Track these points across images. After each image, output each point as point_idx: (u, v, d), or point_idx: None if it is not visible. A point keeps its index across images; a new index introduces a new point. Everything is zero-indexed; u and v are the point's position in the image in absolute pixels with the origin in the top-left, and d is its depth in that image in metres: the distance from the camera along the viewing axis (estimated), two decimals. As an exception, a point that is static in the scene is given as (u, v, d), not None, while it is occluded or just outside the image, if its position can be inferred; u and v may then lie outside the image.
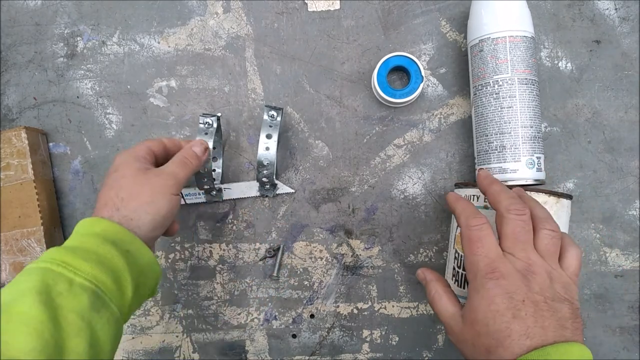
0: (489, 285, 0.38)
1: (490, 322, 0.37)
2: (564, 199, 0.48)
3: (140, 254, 0.43)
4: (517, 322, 0.37)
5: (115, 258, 0.41)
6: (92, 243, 0.41)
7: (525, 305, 0.37)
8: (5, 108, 0.61)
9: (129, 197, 0.44)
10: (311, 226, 0.60)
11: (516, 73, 0.51)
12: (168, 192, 0.46)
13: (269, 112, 0.54)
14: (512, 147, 0.51)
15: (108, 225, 0.42)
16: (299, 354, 0.60)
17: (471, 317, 0.39)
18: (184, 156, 0.49)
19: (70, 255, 0.39)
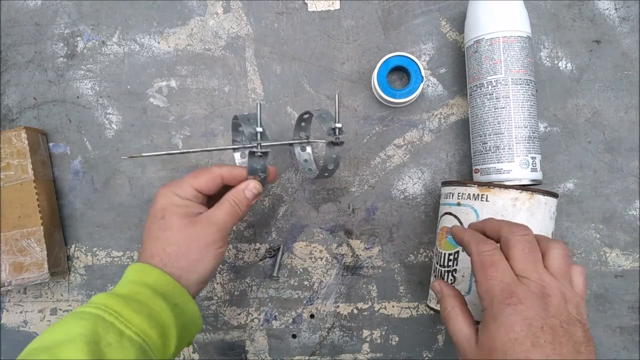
0: (507, 311, 0.37)
1: (509, 351, 0.36)
2: (540, 195, 0.47)
3: (187, 307, 0.43)
4: (536, 351, 0.36)
5: (164, 313, 0.41)
6: (143, 294, 0.41)
7: (544, 333, 0.36)
8: (5, 108, 0.61)
9: (177, 254, 0.43)
10: (311, 226, 0.60)
11: (510, 73, 0.51)
12: (215, 248, 0.45)
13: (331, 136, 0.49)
14: (506, 147, 0.51)
15: (159, 275, 0.42)
16: (299, 354, 0.60)
17: (488, 345, 0.38)
18: (234, 201, 0.47)
19: (122, 305, 0.39)
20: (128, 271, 0.43)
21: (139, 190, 0.61)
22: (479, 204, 0.47)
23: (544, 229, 0.48)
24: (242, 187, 0.48)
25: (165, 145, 0.61)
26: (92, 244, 0.61)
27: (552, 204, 0.48)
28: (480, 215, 0.47)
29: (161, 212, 0.45)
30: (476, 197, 0.48)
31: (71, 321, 0.38)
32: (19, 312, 0.61)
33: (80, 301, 0.60)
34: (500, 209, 0.46)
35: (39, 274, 0.55)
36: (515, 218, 0.46)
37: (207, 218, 0.45)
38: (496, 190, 0.47)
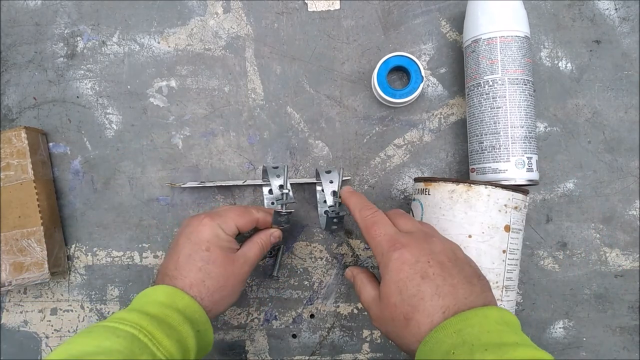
0: (395, 256, 0.40)
1: (403, 289, 0.39)
2: (481, 186, 0.46)
3: (206, 335, 0.45)
4: (426, 283, 0.38)
5: (189, 339, 0.42)
6: (174, 319, 0.42)
7: (432, 266, 0.39)
8: (5, 108, 0.61)
9: (214, 289, 0.46)
10: (311, 226, 0.60)
11: (507, 73, 0.51)
12: (244, 283, 0.49)
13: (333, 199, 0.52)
14: (502, 147, 0.51)
15: (190, 302, 0.44)
16: (299, 354, 0.60)
17: (385, 292, 0.40)
18: (262, 244, 0.51)
19: (155, 328, 0.40)
20: (157, 292, 0.44)
21: (139, 190, 0.61)
22: (424, 198, 0.49)
23: (488, 221, 0.46)
24: (269, 233, 0.52)
25: (166, 145, 0.61)
26: (92, 244, 0.61)
27: (501, 196, 0.46)
28: (424, 208, 0.49)
29: (206, 244, 0.46)
30: (422, 192, 0.49)
31: (105, 334, 0.38)
32: (19, 312, 0.61)
33: (80, 301, 0.60)
34: (439, 201, 0.47)
35: (39, 274, 0.55)
36: (452, 210, 0.47)
37: (244, 257, 0.49)
38: (435, 183, 0.48)
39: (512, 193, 0.47)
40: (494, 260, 0.46)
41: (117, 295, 0.60)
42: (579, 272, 0.58)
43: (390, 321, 0.40)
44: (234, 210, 0.49)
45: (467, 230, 0.46)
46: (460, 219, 0.46)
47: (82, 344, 0.37)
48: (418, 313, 0.38)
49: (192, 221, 0.48)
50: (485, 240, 0.46)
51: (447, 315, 0.37)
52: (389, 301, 0.40)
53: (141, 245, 0.60)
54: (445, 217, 0.47)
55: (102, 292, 0.60)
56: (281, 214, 0.51)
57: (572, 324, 0.58)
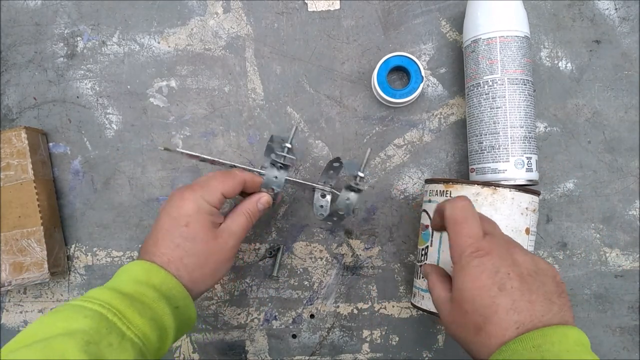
0: (474, 262, 0.38)
1: (477, 299, 0.37)
2: (506, 190, 0.46)
3: (187, 311, 0.43)
4: (503, 296, 0.36)
5: (166, 316, 0.41)
6: (148, 296, 0.40)
7: (511, 279, 0.37)
8: (5, 108, 0.61)
9: (194, 266, 0.44)
10: (311, 226, 0.60)
11: (506, 73, 0.51)
12: (230, 261, 0.46)
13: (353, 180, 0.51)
14: (502, 147, 0.51)
15: (166, 277, 0.42)
16: (299, 354, 0.60)
17: (458, 297, 0.39)
18: (249, 213, 0.48)
19: (126, 306, 0.38)
20: (134, 268, 0.42)
21: (139, 190, 0.61)
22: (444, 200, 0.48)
23: (512, 224, 0.47)
24: (255, 200, 0.49)
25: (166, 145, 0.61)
26: (92, 244, 0.61)
27: (523, 199, 0.47)
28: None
29: (186, 219, 0.44)
30: (441, 194, 0.49)
31: (72, 315, 0.37)
32: (19, 312, 0.61)
33: (80, 301, 0.60)
34: None
35: (39, 274, 0.55)
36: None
37: (227, 232, 0.46)
38: (458, 186, 0.48)
39: (532, 196, 0.48)
40: None
41: (117, 295, 0.60)
42: (579, 272, 0.58)
43: (460, 326, 0.39)
44: (217, 177, 0.47)
45: None
46: None
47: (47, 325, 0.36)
48: (490, 325, 0.36)
49: (174, 195, 0.46)
50: None
51: (520, 331, 0.35)
52: (461, 307, 0.38)
53: (141, 245, 0.60)
54: None
55: (102, 292, 0.60)
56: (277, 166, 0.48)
57: (572, 324, 0.58)
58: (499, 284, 0.37)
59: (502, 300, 0.36)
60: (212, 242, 0.44)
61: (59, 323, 0.36)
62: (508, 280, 0.37)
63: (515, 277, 0.37)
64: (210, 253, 0.44)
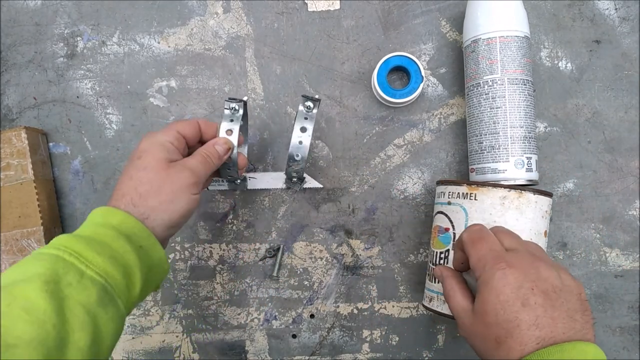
0: (498, 275, 0.38)
1: (500, 312, 0.37)
2: (530, 193, 0.47)
3: (152, 251, 0.42)
4: (526, 312, 0.36)
5: (128, 254, 0.40)
6: (106, 235, 0.40)
7: (535, 294, 0.37)
8: (5, 108, 0.61)
9: (147, 194, 0.43)
10: (311, 226, 0.60)
11: (506, 73, 0.51)
12: (188, 191, 0.44)
13: (305, 102, 0.50)
14: (502, 147, 0.51)
15: (124, 217, 0.41)
16: (299, 354, 0.60)
17: (481, 309, 0.39)
18: (206, 153, 0.47)
19: (83, 246, 0.38)
20: (93, 214, 0.42)
21: (139, 190, 0.60)
22: (468, 203, 0.48)
23: (535, 228, 0.47)
24: (212, 142, 0.49)
25: (165, 145, 0.61)
26: (92, 244, 0.60)
27: (544, 202, 0.48)
28: (469, 214, 0.47)
29: (139, 153, 0.45)
30: (465, 196, 0.48)
31: (30, 262, 0.37)
32: (19, 312, 0.61)
33: (80, 301, 0.60)
34: (489, 207, 0.46)
35: (39, 274, 0.55)
36: (504, 216, 0.46)
37: (182, 163, 0.45)
38: (484, 189, 0.47)
39: (549, 199, 0.48)
40: None
41: (117, 295, 0.60)
42: (579, 272, 0.58)
43: (480, 337, 0.39)
44: (179, 121, 0.49)
45: None
46: (512, 225, 0.46)
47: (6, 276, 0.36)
48: (511, 339, 0.36)
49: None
50: None
51: (540, 346, 0.35)
52: (483, 319, 0.38)
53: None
54: (496, 224, 0.46)
55: (102, 292, 0.60)
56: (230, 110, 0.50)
57: (572, 324, 0.58)
58: (522, 299, 0.37)
59: (525, 315, 0.36)
60: (165, 170, 0.44)
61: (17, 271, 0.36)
62: (532, 296, 0.37)
63: (539, 293, 0.37)
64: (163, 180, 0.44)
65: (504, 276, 0.38)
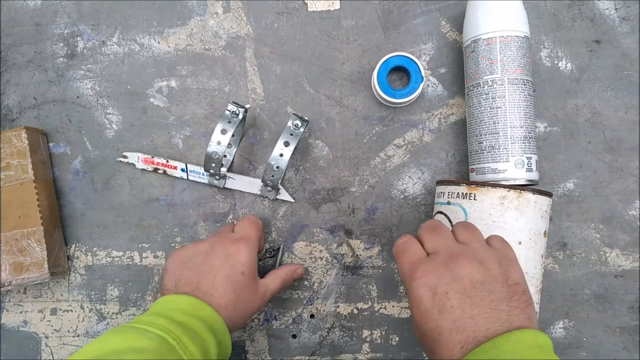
0: (414, 286, 0.39)
1: (423, 323, 0.38)
2: (530, 193, 0.47)
3: (226, 346, 0.46)
4: (444, 318, 0.36)
5: (212, 346, 0.43)
6: (198, 327, 0.43)
7: (450, 298, 0.37)
8: (5, 108, 0.61)
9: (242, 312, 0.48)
10: (311, 226, 0.60)
11: (506, 73, 0.51)
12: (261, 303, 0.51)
13: (294, 121, 0.53)
14: (502, 147, 0.51)
15: (211, 313, 0.45)
16: (299, 354, 0.60)
17: (413, 322, 0.40)
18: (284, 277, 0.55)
19: (182, 333, 0.41)
20: (182, 301, 0.45)
21: (139, 190, 0.61)
22: (467, 203, 0.48)
23: (535, 228, 0.47)
24: (293, 268, 0.56)
25: (166, 145, 0.61)
26: (92, 244, 0.61)
27: (544, 202, 0.48)
28: (468, 214, 0.47)
29: (242, 268, 0.48)
30: (464, 196, 0.48)
31: (135, 336, 0.39)
32: (19, 312, 0.61)
33: (79, 301, 0.60)
34: (488, 207, 0.47)
35: (39, 274, 0.55)
36: (504, 216, 0.46)
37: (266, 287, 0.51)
38: (484, 189, 0.47)
39: (549, 199, 0.48)
40: (537, 266, 0.48)
41: (117, 295, 0.60)
42: (579, 272, 0.58)
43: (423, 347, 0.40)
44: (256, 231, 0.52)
45: (517, 237, 0.46)
46: (511, 225, 0.46)
47: (113, 343, 0.38)
48: (439, 347, 0.37)
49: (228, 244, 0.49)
50: (531, 247, 0.47)
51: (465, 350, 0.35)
52: (417, 330, 0.40)
53: (141, 245, 0.60)
54: (495, 224, 0.46)
55: (102, 292, 0.60)
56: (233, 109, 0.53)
57: (572, 324, 0.58)
58: (438, 307, 0.37)
59: (444, 322, 0.36)
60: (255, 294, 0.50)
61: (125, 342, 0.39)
62: (447, 301, 0.37)
63: (454, 296, 0.37)
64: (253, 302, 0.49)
65: (419, 286, 0.38)
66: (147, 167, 0.60)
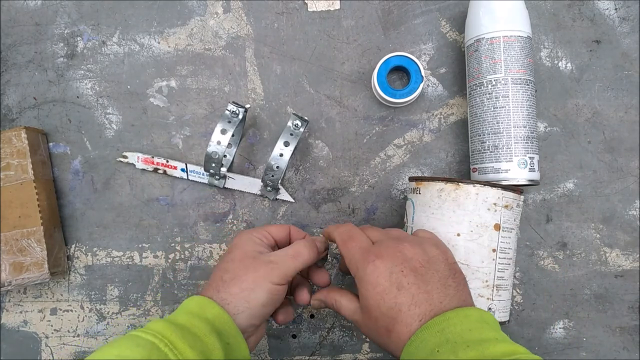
0: (369, 269, 0.40)
1: (381, 303, 0.39)
2: (469, 185, 0.46)
3: (238, 349, 0.43)
4: (402, 294, 0.39)
5: (216, 351, 0.41)
6: (200, 329, 0.41)
7: (406, 275, 0.39)
8: (5, 108, 0.61)
9: (231, 281, 0.44)
10: (311, 226, 0.60)
11: (510, 73, 0.51)
12: (269, 281, 0.44)
13: (294, 121, 0.53)
14: (505, 147, 0.51)
15: (219, 312, 0.42)
16: (299, 354, 0.60)
17: (365, 305, 0.41)
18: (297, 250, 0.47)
19: (178, 337, 0.39)
20: (190, 302, 0.44)
21: (139, 190, 0.61)
22: (415, 197, 0.49)
23: (477, 220, 0.46)
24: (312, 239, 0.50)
25: (166, 146, 0.61)
26: (92, 244, 0.61)
27: (490, 194, 0.46)
28: (415, 207, 0.49)
29: (230, 248, 0.48)
30: (414, 191, 0.49)
31: (125, 344, 0.38)
32: (19, 312, 0.61)
33: (79, 301, 0.60)
34: (428, 200, 0.47)
35: (39, 274, 0.55)
36: (441, 209, 0.46)
37: (269, 256, 0.46)
38: (426, 183, 0.48)
39: (501, 192, 0.46)
40: (484, 259, 0.46)
41: (117, 295, 0.60)
42: (579, 272, 0.58)
43: (374, 331, 0.41)
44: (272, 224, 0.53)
45: (455, 229, 0.46)
46: (448, 217, 0.46)
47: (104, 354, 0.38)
48: (398, 324, 0.39)
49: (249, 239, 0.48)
50: (474, 239, 0.46)
51: (423, 322, 0.38)
52: (370, 315, 0.40)
53: (141, 245, 0.60)
54: (434, 216, 0.47)
55: (102, 292, 0.60)
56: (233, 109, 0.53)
57: (572, 324, 0.58)
58: (396, 284, 0.39)
59: (403, 298, 0.39)
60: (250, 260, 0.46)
61: (114, 351, 0.38)
62: (404, 278, 0.39)
63: (409, 273, 0.40)
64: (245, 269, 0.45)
65: (375, 268, 0.40)
66: (147, 167, 0.60)
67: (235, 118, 0.53)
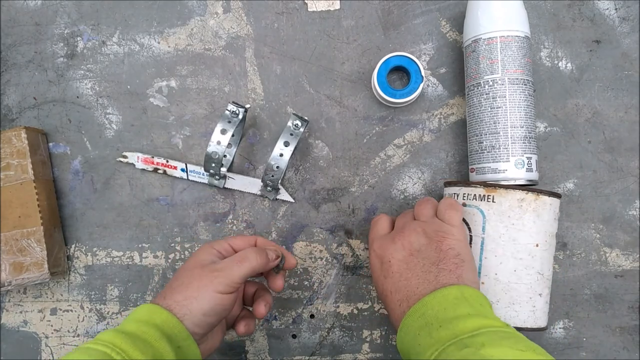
0: (371, 256, 0.48)
1: (377, 287, 0.47)
2: (546, 196, 0.47)
3: (189, 351, 0.44)
4: (388, 282, 0.45)
5: (167, 355, 0.42)
6: (150, 335, 0.42)
7: (392, 265, 0.45)
8: (5, 108, 0.61)
9: (177, 288, 0.45)
10: (311, 226, 0.60)
11: (507, 73, 0.51)
12: (213, 290, 0.44)
13: (294, 121, 0.53)
14: (502, 147, 0.51)
15: (168, 317, 0.43)
16: (299, 354, 0.60)
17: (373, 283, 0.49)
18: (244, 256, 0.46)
19: (129, 345, 0.40)
20: (139, 310, 0.44)
21: (139, 190, 0.61)
22: (486, 205, 0.48)
23: (549, 230, 0.48)
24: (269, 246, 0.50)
25: (166, 146, 0.61)
26: (92, 244, 0.61)
27: (556, 204, 0.49)
28: (487, 216, 0.48)
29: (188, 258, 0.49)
30: (482, 198, 0.48)
31: (79, 356, 0.39)
32: (19, 312, 0.61)
33: (79, 301, 0.60)
34: (507, 209, 0.47)
35: (39, 274, 0.55)
36: (522, 219, 0.47)
37: (215, 264, 0.46)
38: (502, 191, 0.47)
39: (559, 201, 0.49)
40: (550, 267, 0.49)
41: (117, 295, 0.60)
42: (579, 272, 0.58)
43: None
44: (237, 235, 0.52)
45: (535, 240, 0.47)
46: (529, 228, 0.47)
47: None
48: (387, 305, 0.46)
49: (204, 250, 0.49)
50: (547, 249, 0.48)
51: (403, 308, 0.42)
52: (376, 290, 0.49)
53: (141, 245, 0.60)
54: (514, 227, 0.47)
55: (102, 292, 0.60)
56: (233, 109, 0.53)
57: (572, 324, 0.58)
58: (384, 273, 0.46)
59: (387, 286, 0.45)
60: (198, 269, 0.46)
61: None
62: (389, 268, 0.45)
63: (395, 263, 0.45)
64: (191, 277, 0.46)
65: (373, 257, 0.48)
66: (147, 167, 0.60)
67: (235, 118, 0.53)
